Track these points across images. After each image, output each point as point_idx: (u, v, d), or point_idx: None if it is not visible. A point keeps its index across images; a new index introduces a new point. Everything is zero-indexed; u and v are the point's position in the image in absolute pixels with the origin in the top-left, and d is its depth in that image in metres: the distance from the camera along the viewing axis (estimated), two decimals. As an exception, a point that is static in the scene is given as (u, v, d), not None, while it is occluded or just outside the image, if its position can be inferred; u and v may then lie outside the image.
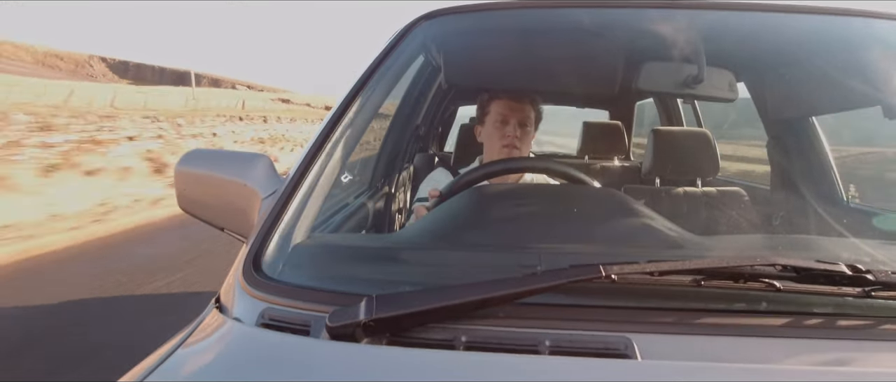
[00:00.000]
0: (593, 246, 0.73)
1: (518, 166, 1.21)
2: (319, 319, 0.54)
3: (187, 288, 3.33)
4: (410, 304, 0.52)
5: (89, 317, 2.92)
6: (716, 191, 1.48)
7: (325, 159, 0.81)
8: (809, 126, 1.52)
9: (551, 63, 1.15)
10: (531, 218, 0.81)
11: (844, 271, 0.55)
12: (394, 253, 0.76)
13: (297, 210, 0.74)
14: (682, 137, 1.74)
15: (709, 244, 0.76)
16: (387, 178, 1.93)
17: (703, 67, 1.08)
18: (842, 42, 1.10)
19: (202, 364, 0.54)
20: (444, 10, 1.03)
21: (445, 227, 0.80)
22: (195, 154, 0.91)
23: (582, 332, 0.52)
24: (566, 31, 1.15)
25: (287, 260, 0.67)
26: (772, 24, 1.07)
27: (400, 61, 1.01)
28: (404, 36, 1.00)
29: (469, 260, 0.70)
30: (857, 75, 1.11)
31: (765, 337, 0.52)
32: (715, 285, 0.55)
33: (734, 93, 1.20)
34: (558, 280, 0.53)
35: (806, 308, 0.55)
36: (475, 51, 1.19)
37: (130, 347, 1.24)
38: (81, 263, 4.01)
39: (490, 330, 0.53)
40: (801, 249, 0.80)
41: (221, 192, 0.84)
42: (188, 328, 0.63)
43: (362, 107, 0.91)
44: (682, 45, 1.06)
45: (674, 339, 0.52)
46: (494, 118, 1.37)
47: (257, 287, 0.61)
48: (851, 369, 0.49)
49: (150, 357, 0.58)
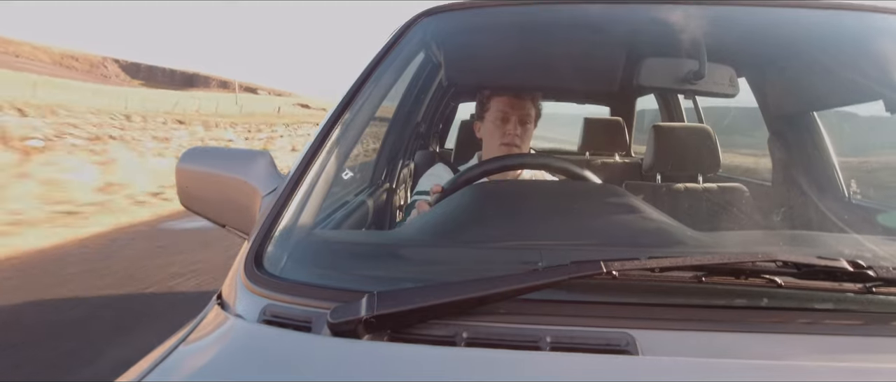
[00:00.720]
0: (594, 243, 0.73)
1: (519, 162, 1.21)
2: (321, 315, 0.54)
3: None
4: (412, 300, 0.52)
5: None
6: (717, 187, 1.48)
7: (326, 156, 0.81)
8: (811, 121, 1.52)
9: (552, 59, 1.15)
10: (532, 214, 0.81)
11: (846, 267, 0.55)
12: (395, 249, 0.76)
13: (298, 206, 0.74)
14: (682, 133, 1.73)
15: (710, 240, 0.76)
16: (388, 175, 1.93)
17: (703, 63, 1.08)
18: (843, 36, 1.10)
19: (204, 360, 0.54)
20: (444, 6, 1.03)
21: (446, 224, 0.80)
22: (196, 151, 0.91)
23: (583, 328, 0.52)
24: (567, 27, 1.14)
25: (288, 257, 0.67)
26: (773, 18, 1.07)
27: (400, 58, 1.01)
28: (404, 33, 1.00)
29: (470, 257, 0.70)
30: (859, 70, 1.11)
31: (766, 333, 0.52)
32: (716, 281, 0.55)
33: (735, 89, 1.19)
34: (559, 276, 0.53)
35: (807, 304, 0.55)
36: (475, 47, 1.19)
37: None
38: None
39: (491, 327, 0.53)
40: (803, 245, 0.80)
41: (223, 189, 0.85)
42: (190, 325, 0.63)
43: (363, 105, 0.90)
44: (683, 41, 1.05)
45: (675, 335, 0.52)
46: (494, 115, 1.36)
47: (259, 283, 0.61)
48: (853, 365, 0.49)
49: (152, 354, 0.58)
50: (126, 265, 4.17)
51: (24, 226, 5.32)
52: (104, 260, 4.36)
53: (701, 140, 1.58)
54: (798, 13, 1.02)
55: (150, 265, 4.16)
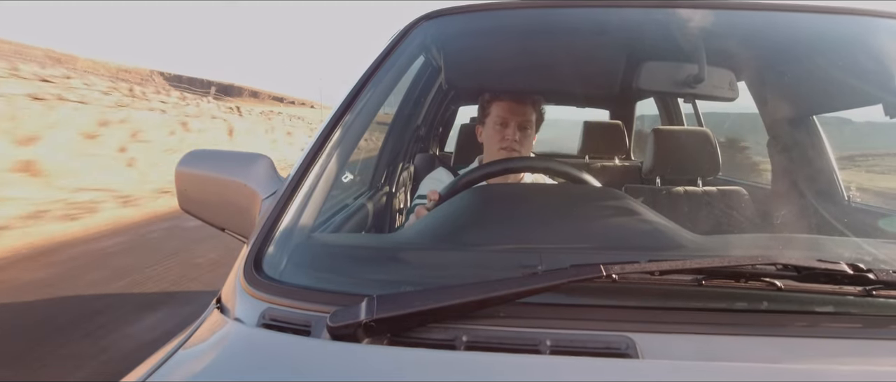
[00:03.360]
0: (594, 246, 0.73)
1: (518, 166, 1.20)
2: (320, 319, 0.54)
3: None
4: (411, 304, 0.52)
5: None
6: (716, 191, 1.48)
7: (326, 159, 0.81)
8: (810, 125, 1.52)
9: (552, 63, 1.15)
10: (532, 217, 0.81)
11: (845, 270, 0.55)
12: (395, 253, 0.76)
13: (297, 210, 0.74)
14: (682, 136, 1.74)
15: (710, 243, 0.76)
16: (387, 178, 1.93)
17: (703, 66, 1.08)
18: (842, 40, 1.10)
19: (203, 364, 0.54)
20: (445, 10, 1.03)
21: (446, 227, 0.80)
22: (196, 154, 0.90)
23: (583, 332, 0.52)
24: (567, 30, 1.14)
25: (288, 261, 0.67)
26: (772, 22, 1.07)
27: (400, 62, 1.01)
28: (404, 36, 1.00)
29: (470, 260, 0.70)
30: (858, 74, 1.11)
31: (766, 336, 0.52)
32: (716, 284, 0.55)
33: (735, 93, 1.20)
34: (559, 279, 0.53)
35: (807, 307, 0.55)
36: (475, 51, 1.19)
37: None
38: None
39: (491, 330, 0.53)
40: (803, 248, 0.80)
41: (222, 192, 0.84)
42: (189, 329, 0.63)
43: (363, 108, 0.90)
44: (683, 45, 1.06)
45: (675, 339, 0.52)
46: (495, 120, 1.36)
47: (258, 287, 0.61)
48: (852, 368, 0.49)
49: (152, 358, 0.58)
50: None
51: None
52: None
53: (701, 143, 1.58)
54: (797, 17, 1.02)
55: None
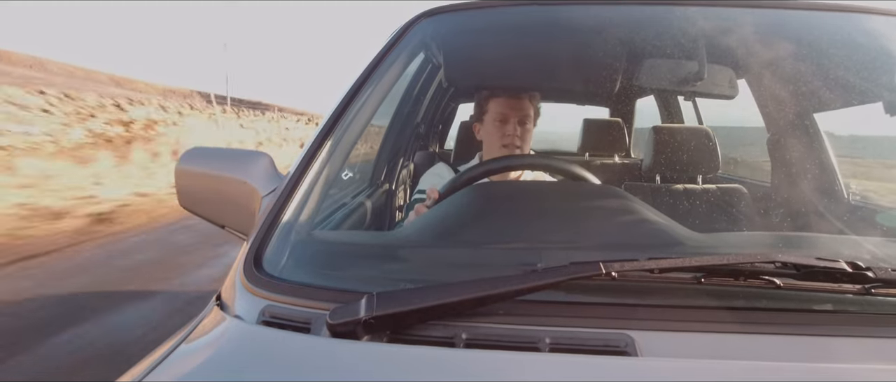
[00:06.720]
0: (593, 243, 0.73)
1: (518, 163, 1.20)
2: (320, 316, 0.54)
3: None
4: (411, 301, 0.52)
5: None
6: (716, 188, 1.48)
7: (326, 157, 0.81)
8: (810, 122, 1.52)
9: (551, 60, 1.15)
10: (531, 214, 0.81)
11: (845, 268, 0.55)
12: (394, 250, 0.76)
13: (297, 207, 0.74)
14: (682, 134, 1.73)
15: (709, 241, 0.76)
16: (387, 176, 1.93)
17: (703, 64, 1.08)
18: (843, 38, 1.10)
19: (203, 361, 0.54)
20: (444, 7, 1.03)
21: (446, 224, 0.80)
22: (196, 152, 0.90)
23: (582, 329, 0.52)
24: (566, 28, 1.14)
25: (288, 258, 0.67)
26: (773, 20, 1.07)
27: (400, 59, 1.01)
28: (404, 34, 1.00)
29: (469, 257, 0.70)
30: (859, 71, 1.11)
31: (765, 334, 0.52)
32: (715, 282, 0.55)
33: (734, 90, 1.20)
34: (558, 277, 0.53)
35: (806, 305, 0.55)
36: (475, 48, 1.19)
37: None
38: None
39: (490, 328, 0.53)
40: (802, 246, 0.80)
41: (222, 190, 0.84)
42: (189, 326, 0.63)
43: (362, 106, 0.90)
44: (683, 42, 1.05)
45: (674, 336, 0.52)
46: (493, 117, 1.36)
47: (258, 284, 0.61)
48: (852, 366, 0.49)
49: (151, 355, 0.58)
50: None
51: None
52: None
53: (700, 141, 1.58)
54: (798, 15, 1.02)
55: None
